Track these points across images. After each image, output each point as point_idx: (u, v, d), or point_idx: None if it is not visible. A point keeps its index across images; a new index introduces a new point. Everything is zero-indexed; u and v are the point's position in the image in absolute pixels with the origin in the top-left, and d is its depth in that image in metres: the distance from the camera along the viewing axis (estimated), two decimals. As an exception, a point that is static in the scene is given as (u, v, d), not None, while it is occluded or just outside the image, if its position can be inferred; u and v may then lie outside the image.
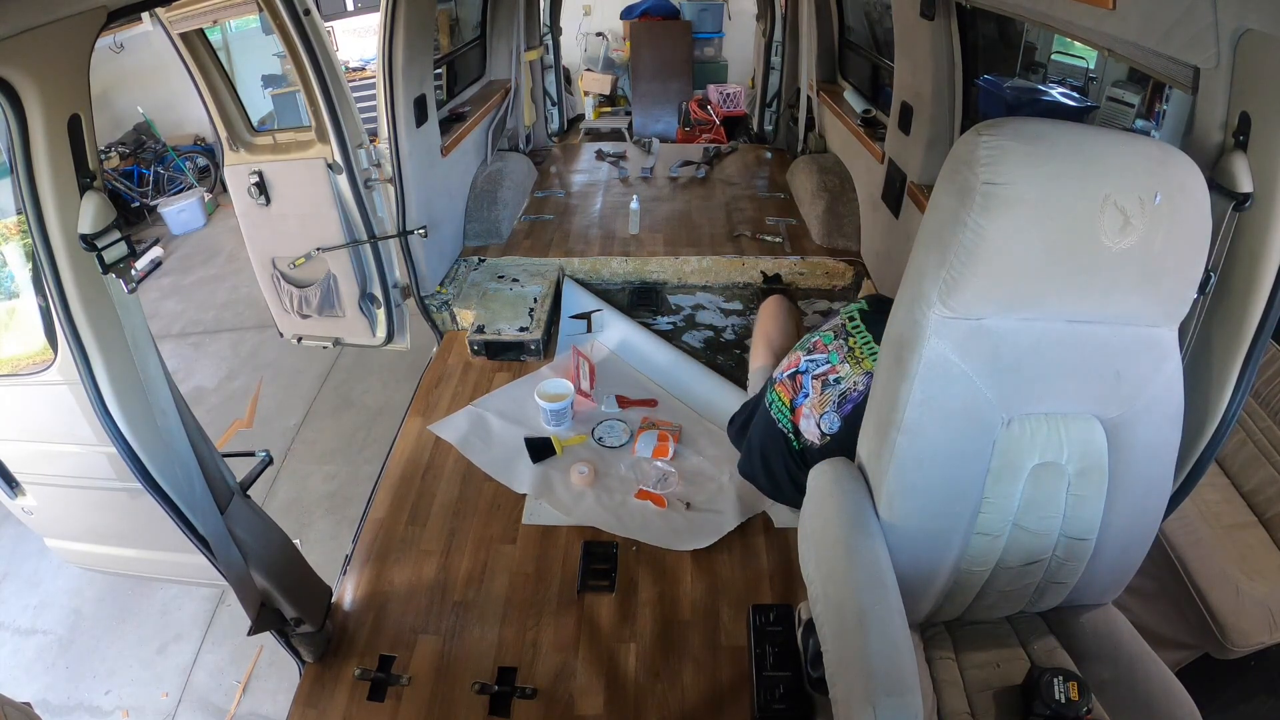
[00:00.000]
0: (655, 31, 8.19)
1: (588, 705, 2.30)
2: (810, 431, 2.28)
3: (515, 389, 3.63)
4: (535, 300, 4.06)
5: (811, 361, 2.33)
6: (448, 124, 4.48)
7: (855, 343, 2.26)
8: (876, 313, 2.29)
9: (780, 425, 2.38)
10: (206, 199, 7.52)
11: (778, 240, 4.55)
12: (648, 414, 3.40)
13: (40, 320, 1.82)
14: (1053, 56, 5.49)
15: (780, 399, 2.40)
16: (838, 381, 2.24)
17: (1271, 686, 2.32)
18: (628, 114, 8.35)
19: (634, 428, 3.30)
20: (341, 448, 4.33)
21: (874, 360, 2.16)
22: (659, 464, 3.11)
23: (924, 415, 1.51)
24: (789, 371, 2.38)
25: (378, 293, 3.55)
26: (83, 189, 1.58)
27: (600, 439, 3.26)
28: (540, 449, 3.21)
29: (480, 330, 3.85)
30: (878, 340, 2.17)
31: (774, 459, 2.44)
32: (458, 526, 2.89)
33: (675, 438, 3.20)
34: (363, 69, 7.41)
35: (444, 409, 3.52)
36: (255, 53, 7.53)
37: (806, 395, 2.30)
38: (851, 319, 2.31)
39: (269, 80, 7.48)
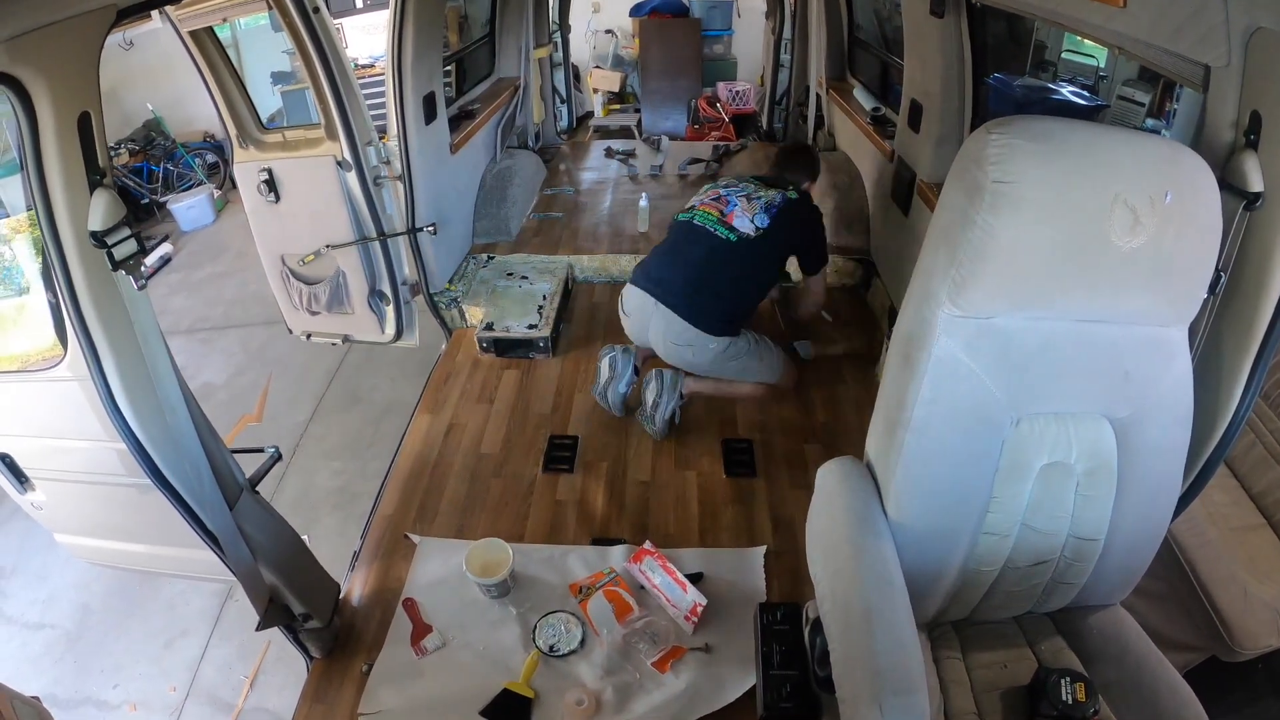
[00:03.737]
0: (664, 29, 8.19)
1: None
2: (745, 228, 3.04)
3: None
4: (544, 297, 4.07)
5: (729, 189, 3.21)
6: (457, 121, 4.49)
7: (771, 190, 3.19)
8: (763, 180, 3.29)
9: (712, 229, 3.08)
10: (216, 195, 7.53)
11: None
12: (578, 580, 2.63)
13: (50, 316, 1.83)
14: (1063, 55, 5.46)
15: (709, 214, 3.13)
16: (760, 198, 3.12)
17: (1278, 690, 2.31)
18: (637, 111, 8.35)
19: (573, 610, 2.52)
20: (350, 444, 4.34)
21: (790, 191, 3.19)
22: (634, 624, 2.47)
23: (932, 414, 1.50)
24: (711, 198, 3.21)
25: (387, 290, 3.56)
26: (93, 186, 1.59)
27: (553, 649, 2.41)
28: (509, 712, 2.28)
29: (489, 327, 3.85)
30: (781, 187, 3.22)
31: (693, 253, 3.10)
32: (466, 523, 2.90)
33: (624, 585, 2.57)
34: (372, 66, 7.42)
35: (452, 406, 3.53)
36: (264, 50, 7.53)
37: (734, 206, 3.10)
38: (761, 184, 3.24)
39: (278, 77, 7.50)
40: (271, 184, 3.25)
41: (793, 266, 3.44)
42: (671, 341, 3.08)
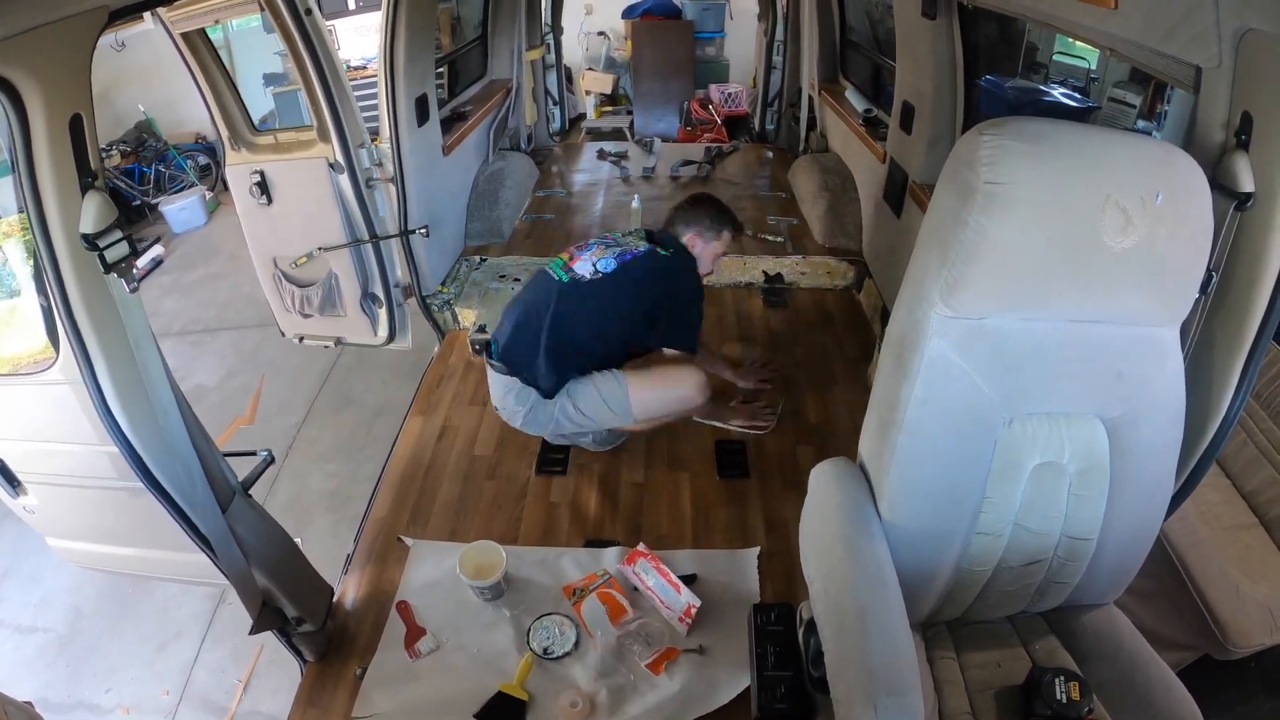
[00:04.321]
0: (657, 31, 8.18)
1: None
2: (584, 270, 2.79)
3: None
4: (536, 299, 4.06)
5: (599, 239, 2.92)
6: (449, 123, 4.49)
7: (644, 242, 2.87)
8: (654, 237, 2.92)
9: (551, 272, 2.84)
10: (207, 197, 7.52)
11: (779, 240, 4.56)
12: (571, 583, 2.61)
13: (42, 319, 1.82)
14: (1054, 57, 5.48)
15: (560, 259, 2.90)
16: (619, 245, 2.85)
17: (1272, 688, 2.32)
18: (629, 113, 8.34)
19: (567, 613, 2.51)
20: (342, 447, 4.33)
21: (661, 249, 2.83)
22: (628, 626, 2.46)
23: (925, 415, 1.51)
24: (576, 246, 2.94)
25: (379, 292, 3.55)
26: (84, 188, 1.58)
27: (547, 651, 2.40)
28: (503, 715, 2.28)
29: (482, 330, 3.84)
30: (660, 244, 2.86)
31: (526, 298, 2.90)
32: (459, 526, 2.89)
33: (617, 587, 2.56)
34: (364, 68, 7.40)
35: (445, 408, 3.52)
36: (257, 51, 7.52)
37: (590, 249, 2.85)
38: (643, 235, 2.93)
39: (270, 79, 7.48)
40: (264, 186, 3.25)
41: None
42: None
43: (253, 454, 2.24)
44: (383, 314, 3.62)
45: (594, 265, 2.78)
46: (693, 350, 2.95)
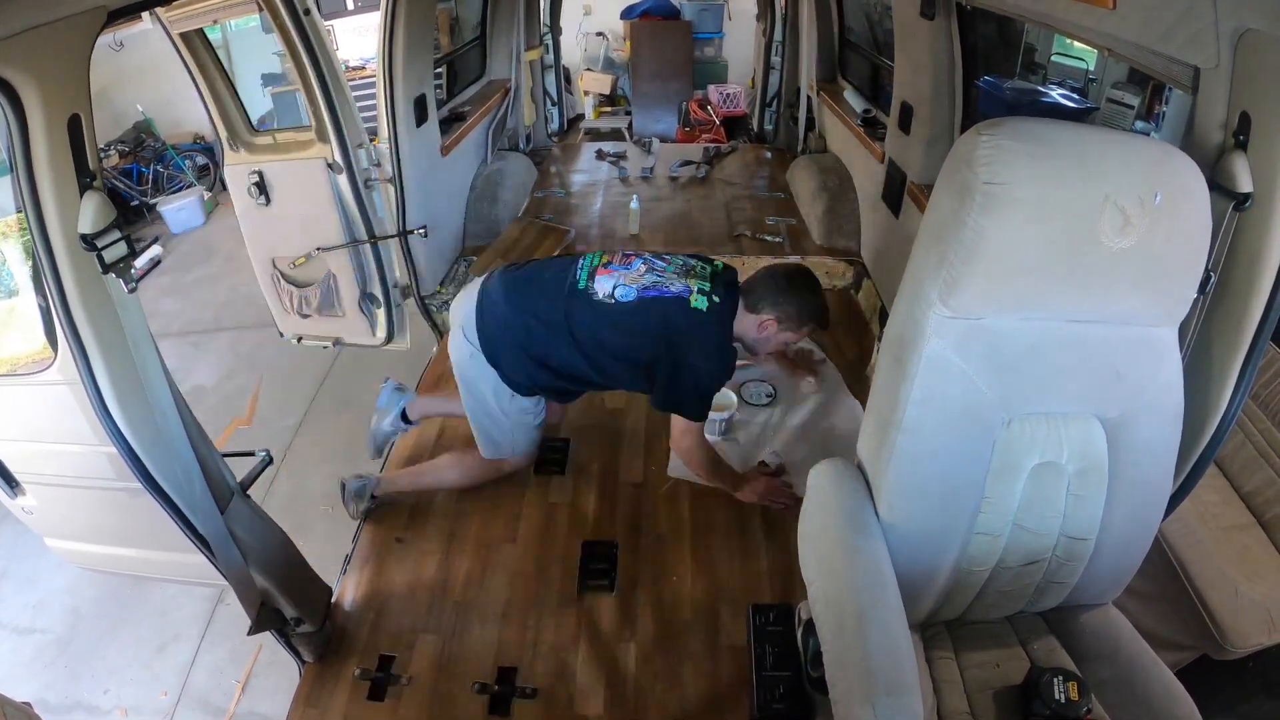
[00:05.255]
0: (655, 31, 8.19)
1: (588, 706, 2.30)
2: (602, 289, 2.46)
3: None
4: (535, 300, 4.05)
5: (656, 259, 2.55)
6: (448, 124, 4.49)
7: (694, 282, 2.46)
8: (722, 284, 2.50)
9: (575, 273, 2.52)
10: (206, 197, 7.51)
11: (778, 240, 4.56)
12: None
13: (40, 320, 1.82)
14: (1053, 58, 5.49)
15: (598, 257, 2.58)
16: (660, 279, 2.46)
17: (1270, 687, 2.32)
18: (628, 114, 8.36)
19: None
20: (341, 447, 4.31)
21: (700, 298, 2.41)
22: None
23: (924, 415, 1.51)
24: (630, 250, 2.65)
25: (378, 292, 3.55)
26: (83, 189, 1.58)
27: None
28: None
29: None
30: (713, 292, 2.44)
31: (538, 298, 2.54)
32: (457, 526, 2.89)
33: None
34: (363, 68, 7.40)
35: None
36: (255, 51, 7.51)
37: (629, 269, 2.50)
38: (706, 274, 2.52)
39: (269, 79, 7.47)
40: (262, 186, 3.25)
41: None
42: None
43: (251, 454, 2.24)
44: (381, 314, 3.62)
45: (613, 287, 2.43)
46: (697, 418, 2.55)
